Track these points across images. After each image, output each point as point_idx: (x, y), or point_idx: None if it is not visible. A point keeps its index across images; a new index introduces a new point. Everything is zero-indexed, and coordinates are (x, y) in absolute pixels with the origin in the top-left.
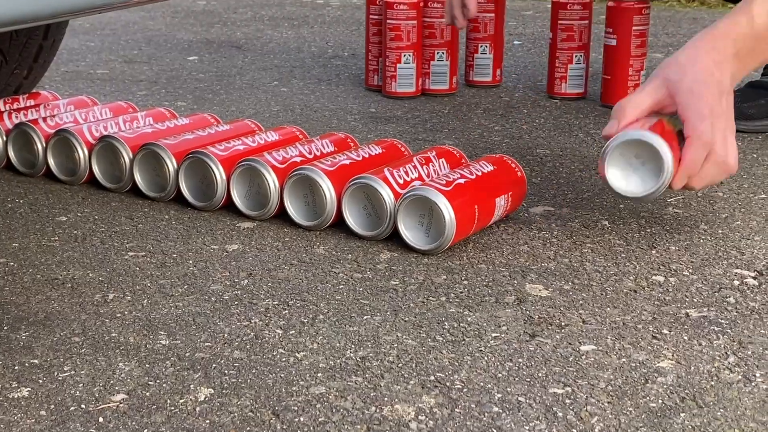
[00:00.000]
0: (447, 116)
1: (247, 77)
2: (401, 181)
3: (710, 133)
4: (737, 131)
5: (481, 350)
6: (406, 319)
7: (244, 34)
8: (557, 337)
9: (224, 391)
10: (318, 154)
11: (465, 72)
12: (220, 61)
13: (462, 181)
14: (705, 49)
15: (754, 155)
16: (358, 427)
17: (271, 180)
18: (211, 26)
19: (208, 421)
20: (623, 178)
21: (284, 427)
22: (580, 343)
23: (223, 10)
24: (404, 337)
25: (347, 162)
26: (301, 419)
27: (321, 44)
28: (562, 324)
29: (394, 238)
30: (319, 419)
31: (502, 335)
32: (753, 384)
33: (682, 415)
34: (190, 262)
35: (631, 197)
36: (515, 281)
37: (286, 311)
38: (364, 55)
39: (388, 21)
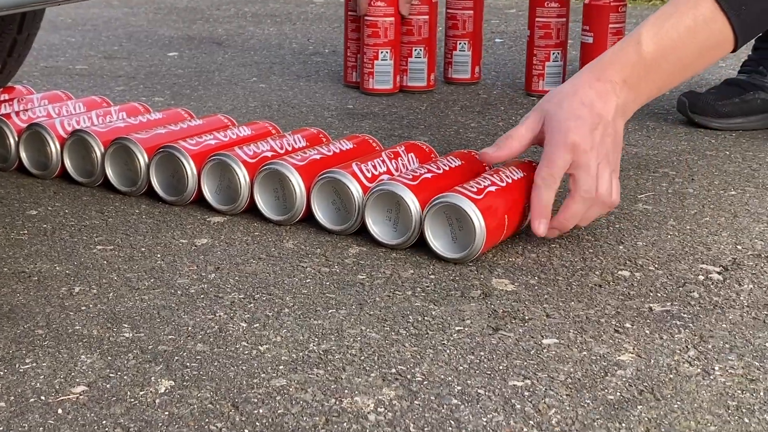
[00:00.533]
0: (424, 113)
1: (226, 73)
2: (369, 176)
3: (558, 169)
4: (712, 128)
5: (443, 343)
6: (371, 312)
7: (225, 30)
8: (520, 330)
9: (185, 383)
10: (289, 149)
11: (444, 69)
12: (200, 57)
13: (429, 175)
14: (588, 80)
15: (727, 152)
16: (317, 419)
17: (242, 175)
18: (193, 22)
19: (167, 413)
20: (441, 236)
21: (243, 419)
22: (542, 336)
23: (206, 6)
24: (368, 330)
25: (318, 157)
26: (261, 411)
27: (302, 41)
28: (526, 318)
29: (363, 233)
30: (278, 411)
31: (466, 329)
32: (711, 377)
33: (639, 407)
34: (158, 255)
35: (443, 257)
36: (482, 276)
37: (252, 305)
38: (343, 51)
39: (366, 18)
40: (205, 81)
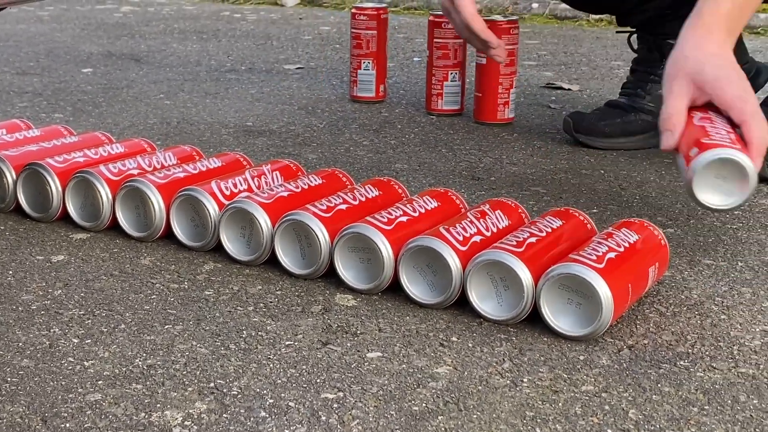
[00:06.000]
0: (320, 131)
1: (134, 90)
2: (228, 193)
3: (759, 108)
4: (595, 148)
5: (269, 358)
6: (207, 328)
7: (148, 46)
8: (348, 344)
9: (1, 398)
10: (158, 166)
11: (349, 87)
12: (114, 73)
13: (285, 194)
14: (704, 36)
15: (602, 171)
16: None
17: (104, 192)
18: (117, 39)
19: None
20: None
21: None
22: (368, 350)
23: (137, 22)
24: (198, 345)
25: (182, 175)
26: (68, 425)
27: (222, 58)
28: (358, 332)
29: (222, 249)
30: (86, 425)
31: (296, 343)
32: (517, 389)
33: (439, 417)
34: (10, 272)
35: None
36: (327, 291)
37: (89, 321)
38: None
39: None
40: (111, 97)
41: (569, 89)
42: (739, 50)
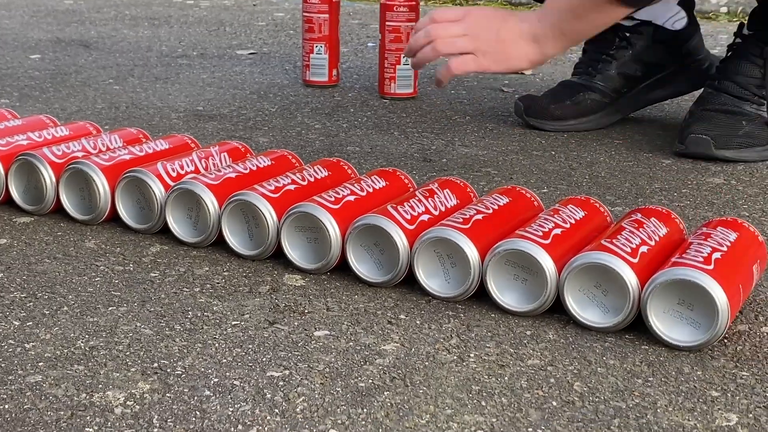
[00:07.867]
0: (272, 115)
1: (82, 75)
2: (175, 175)
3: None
4: (545, 130)
5: (214, 338)
6: (152, 309)
7: (98, 32)
8: (295, 323)
9: None
10: (103, 149)
11: (302, 72)
12: (63, 59)
13: (233, 175)
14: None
15: (552, 152)
16: (62, 413)
17: (47, 174)
18: (67, 25)
19: None
20: (238, 233)
21: None
22: (315, 329)
23: (87, 9)
24: (142, 326)
25: (127, 157)
26: (6, 407)
27: (173, 44)
28: (306, 311)
29: (169, 232)
30: (25, 406)
31: (242, 323)
32: (464, 364)
33: (386, 393)
34: None
35: (241, 254)
36: (275, 272)
37: (31, 303)
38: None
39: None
40: (59, 83)
41: (522, 73)
42: (697, 42)
